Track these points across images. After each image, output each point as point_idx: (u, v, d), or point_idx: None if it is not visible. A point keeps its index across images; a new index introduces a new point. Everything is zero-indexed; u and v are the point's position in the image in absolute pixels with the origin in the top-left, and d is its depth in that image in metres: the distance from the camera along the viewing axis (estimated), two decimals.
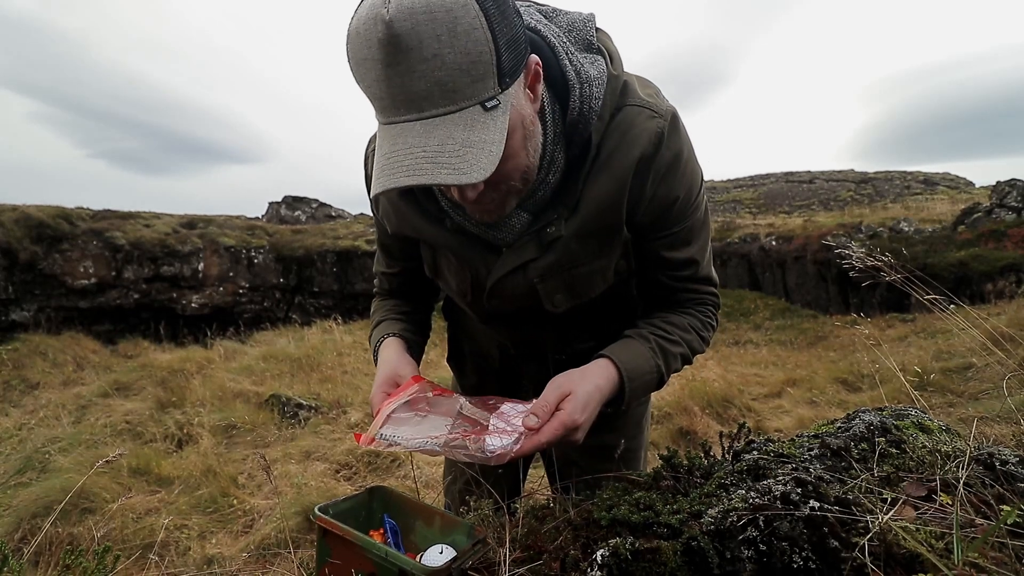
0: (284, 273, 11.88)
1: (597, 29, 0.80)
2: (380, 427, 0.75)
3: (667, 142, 0.78)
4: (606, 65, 0.77)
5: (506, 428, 0.74)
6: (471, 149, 0.61)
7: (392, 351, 0.92)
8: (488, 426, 0.75)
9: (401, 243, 0.98)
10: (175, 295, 10.84)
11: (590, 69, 0.75)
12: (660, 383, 0.86)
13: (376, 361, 0.94)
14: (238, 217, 13.18)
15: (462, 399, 0.82)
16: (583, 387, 0.75)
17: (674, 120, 0.79)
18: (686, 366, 0.91)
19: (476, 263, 0.86)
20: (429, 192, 0.83)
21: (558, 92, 0.75)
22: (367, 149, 0.91)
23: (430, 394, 0.83)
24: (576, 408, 0.73)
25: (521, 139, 0.69)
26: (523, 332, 0.97)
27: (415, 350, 0.98)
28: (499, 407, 0.80)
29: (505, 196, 0.73)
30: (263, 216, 15.85)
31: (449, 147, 0.60)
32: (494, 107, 0.62)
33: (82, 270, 10.03)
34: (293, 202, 16.15)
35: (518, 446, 0.69)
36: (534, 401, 0.75)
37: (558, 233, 0.80)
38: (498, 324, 0.98)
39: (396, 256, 1.02)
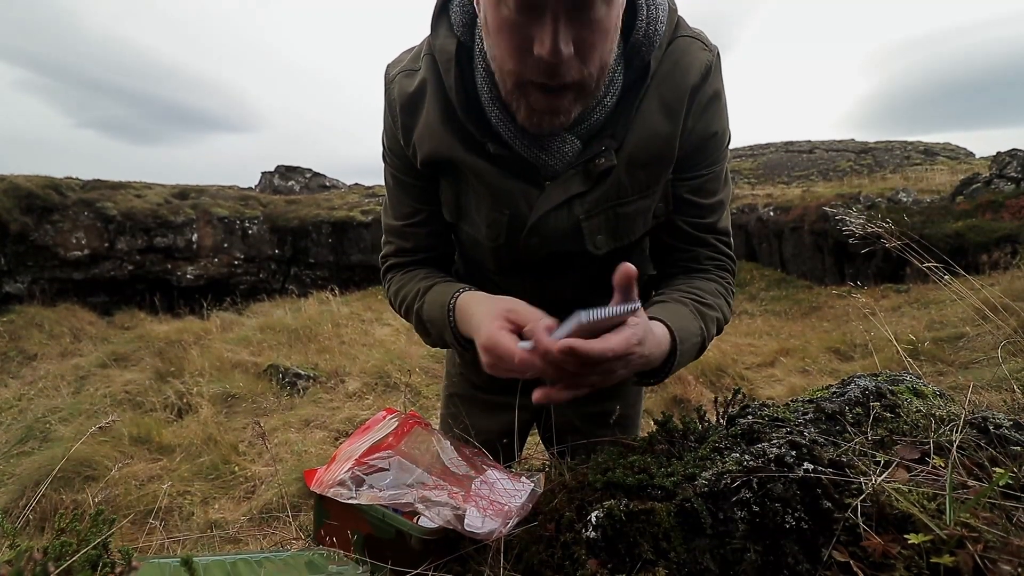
0: (279, 244, 11.80)
1: None
2: (340, 474, 0.67)
3: (712, 77, 0.77)
4: None
5: (490, 501, 0.65)
6: None
7: (490, 297, 0.76)
8: (471, 489, 0.67)
9: (426, 181, 0.88)
10: (169, 266, 10.78)
11: None
12: (702, 349, 0.80)
13: (452, 321, 0.79)
14: (231, 187, 13.00)
15: (445, 442, 0.75)
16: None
17: (719, 57, 0.78)
18: (717, 335, 0.85)
19: (516, 197, 0.80)
20: (478, 110, 0.77)
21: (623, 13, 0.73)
22: (389, 73, 0.84)
23: (399, 426, 0.75)
24: (641, 337, 0.63)
25: (616, 19, 0.66)
26: (541, 284, 0.91)
27: None
28: (484, 469, 0.72)
29: (577, 93, 0.69)
30: (256, 186, 15.64)
31: None
32: None
33: (74, 241, 9.93)
34: (286, 172, 15.90)
35: (507, 528, 0.61)
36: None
37: (608, 164, 0.77)
38: (518, 276, 0.91)
39: (421, 198, 0.90)
